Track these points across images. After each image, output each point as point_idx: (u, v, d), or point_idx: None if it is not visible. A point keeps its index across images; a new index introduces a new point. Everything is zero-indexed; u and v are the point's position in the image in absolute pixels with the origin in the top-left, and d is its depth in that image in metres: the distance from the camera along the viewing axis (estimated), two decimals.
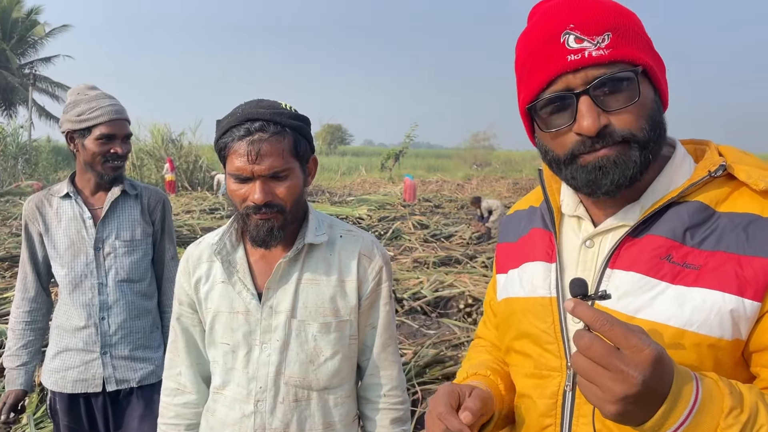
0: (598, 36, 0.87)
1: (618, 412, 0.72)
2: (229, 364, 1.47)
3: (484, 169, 39.15)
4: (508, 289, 1.11)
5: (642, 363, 0.70)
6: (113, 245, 2.16)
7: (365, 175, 31.48)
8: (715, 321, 0.84)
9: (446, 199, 19.30)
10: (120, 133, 2.11)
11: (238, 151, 1.33)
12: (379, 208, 15.40)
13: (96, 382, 2.14)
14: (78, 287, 2.13)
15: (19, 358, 2.20)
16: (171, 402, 1.57)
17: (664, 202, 0.91)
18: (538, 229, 1.08)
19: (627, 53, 0.87)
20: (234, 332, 1.45)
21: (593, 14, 0.89)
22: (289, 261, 1.45)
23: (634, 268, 0.91)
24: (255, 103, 1.39)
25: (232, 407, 1.46)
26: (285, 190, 1.37)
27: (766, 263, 0.83)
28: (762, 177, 0.88)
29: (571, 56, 0.88)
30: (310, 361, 1.44)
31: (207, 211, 14.29)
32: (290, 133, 1.37)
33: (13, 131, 23.57)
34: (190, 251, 1.56)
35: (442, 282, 6.97)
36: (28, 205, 2.20)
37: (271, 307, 1.45)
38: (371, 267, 1.50)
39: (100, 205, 2.20)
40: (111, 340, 2.15)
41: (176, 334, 1.57)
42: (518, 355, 1.07)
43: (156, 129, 24.43)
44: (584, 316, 0.73)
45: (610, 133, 0.88)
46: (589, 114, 0.87)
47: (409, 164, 39.01)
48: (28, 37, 34.13)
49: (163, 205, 2.30)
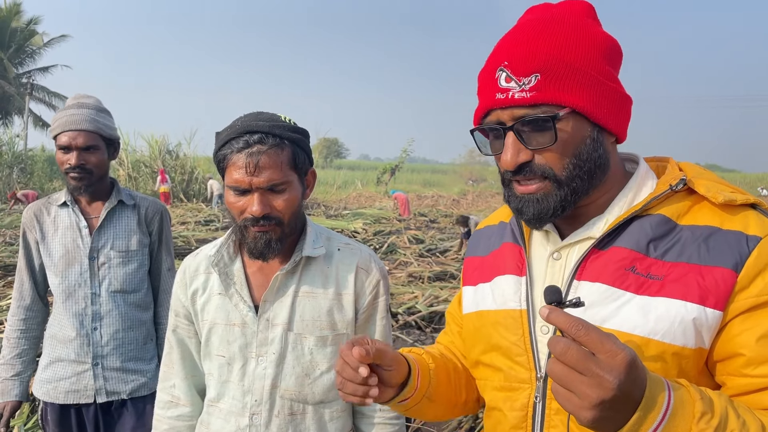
0: (525, 77, 0.91)
1: (594, 418, 0.72)
2: (224, 376, 1.46)
3: (479, 184, 39.26)
4: (478, 302, 1.13)
5: (617, 367, 0.70)
6: (108, 255, 2.15)
7: (361, 189, 31.53)
8: (679, 330, 0.87)
9: (441, 214, 19.34)
10: (74, 144, 2.05)
11: (237, 163, 1.33)
12: (374, 222, 15.41)
13: (88, 393, 2.13)
14: (71, 296, 2.12)
15: (13, 368, 2.18)
16: (165, 415, 1.56)
17: (628, 215, 0.94)
18: (509, 244, 1.11)
19: (550, 96, 0.90)
20: (230, 344, 1.44)
21: (525, 54, 0.92)
22: (286, 273, 1.44)
23: (600, 279, 0.94)
24: (254, 116, 1.40)
25: (227, 420, 1.45)
26: (283, 203, 1.37)
27: (726, 273, 0.86)
28: (720, 191, 0.92)
29: (499, 94, 0.93)
30: (306, 375, 1.43)
31: (202, 223, 14.26)
32: (289, 146, 1.37)
33: (8, 140, 23.51)
34: (187, 262, 1.55)
35: (437, 297, 6.96)
36: (26, 213, 2.19)
37: (267, 320, 1.44)
38: (368, 281, 1.49)
39: (96, 214, 2.19)
40: (103, 351, 2.13)
41: (171, 346, 1.56)
42: (487, 368, 1.09)
43: (153, 140, 24.44)
44: (559, 322, 0.74)
45: (529, 169, 0.94)
46: (510, 149, 0.93)
47: (404, 179, 39.09)
48: (26, 46, 34.21)
49: (161, 216, 2.29)
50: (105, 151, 2.13)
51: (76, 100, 2.14)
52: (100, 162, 2.11)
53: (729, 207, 0.92)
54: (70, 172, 2.08)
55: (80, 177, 2.08)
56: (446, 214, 19.68)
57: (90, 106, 2.11)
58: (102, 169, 2.13)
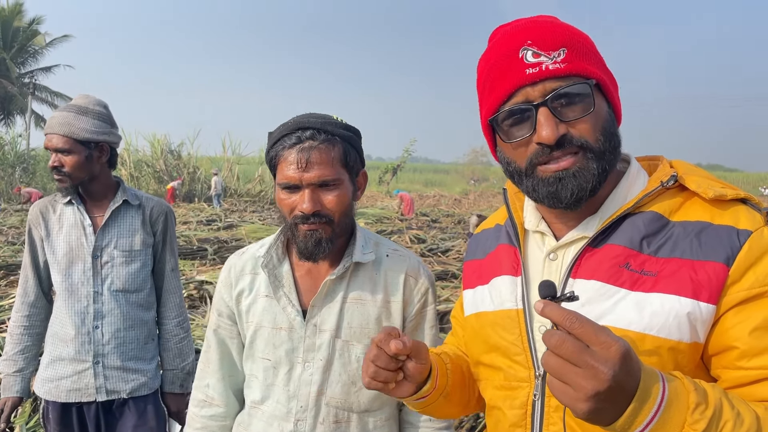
0: (554, 51, 0.93)
1: (589, 410, 0.73)
2: (269, 379, 1.44)
3: (481, 184, 39.23)
4: (477, 304, 1.14)
5: (611, 358, 0.71)
6: (111, 254, 2.16)
7: None
8: (674, 324, 0.88)
9: (443, 214, 19.33)
10: (50, 146, 2.09)
11: (288, 158, 1.32)
12: (376, 221, 15.41)
13: (89, 392, 2.13)
14: (73, 294, 2.13)
15: (15, 364, 2.19)
16: (198, 413, 1.55)
17: (621, 213, 0.96)
18: (504, 245, 1.12)
19: (581, 67, 0.93)
20: (276, 348, 1.42)
21: (549, 32, 0.95)
22: (335, 279, 1.41)
23: (595, 276, 0.95)
24: (306, 114, 1.39)
25: (270, 423, 1.43)
26: (334, 200, 1.34)
27: (718, 267, 0.87)
28: (710, 186, 0.93)
29: (530, 69, 0.93)
30: (352, 383, 1.41)
31: (204, 222, 14.26)
32: (341, 143, 1.36)
33: (11, 140, 23.56)
34: (232, 262, 1.53)
35: (439, 296, 6.96)
36: (33, 210, 2.21)
37: (315, 325, 1.41)
38: (417, 288, 1.46)
39: (101, 213, 2.20)
40: (104, 350, 2.14)
41: (210, 345, 1.54)
42: (487, 368, 1.10)
43: (155, 140, 24.47)
44: (554, 316, 0.75)
45: (568, 141, 0.93)
46: (548, 124, 0.92)
47: (406, 178, 39.08)
48: (28, 46, 34.26)
49: (166, 217, 2.29)
50: (82, 154, 2.09)
51: (71, 102, 2.17)
52: (76, 164, 2.09)
53: (720, 202, 0.93)
54: (54, 173, 2.13)
55: (59, 179, 2.12)
56: (448, 213, 19.68)
57: (73, 108, 2.11)
58: (81, 172, 2.11)
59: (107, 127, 2.17)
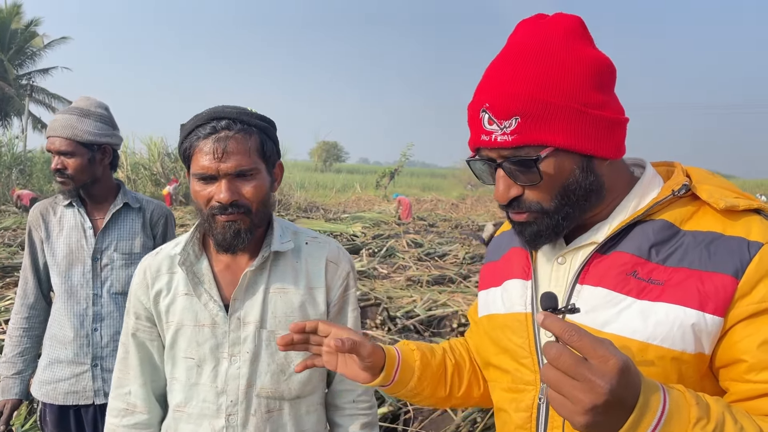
0: (506, 120, 0.93)
1: (587, 424, 0.73)
2: (192, 379, 1.42)
3: (478, 189, 39.28)
4: (489, 306, 1.16)
5: (609, 372, 0.71)
6: (111, 257, 2.16)
7: (360, 193, 31.53)
8: (678, 334, 0.87)
9: (440, 218, 19.33)
10: (53, 149, 2.10)
11: (204, 149, 1.31)
12: (373, 225, 15.40)
13: (87, 395, 2.13)
14: (73, 296, 2.13)
15: (14, 366, 2.19)
16: (119, 423, 1.49)
17: (630, 220, 0.96)
18: (517, 249, 1.14)
19: (531, 138, 0.92)
20: (200, 346, 1.41)
21: (505, 96, 0.93)
22: (255, 270, 1.42)
23: (602, 283, 0.95)
24: (221, 105, 1.39)
25: (199, 424, 1.41)
26: (252, 190, 1.34)
27: (726, 279, 0.87)
28: (723, 196, 0.92)
29: (483, 136, 0.96)
30: (281, 371, 1.42)
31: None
32: (257, 133, 1.36)
33: (8, 142, 23.50)
34: (147, 262, 1.50)
35: (436, 301, 6.95)
36: (33, 212, 2.21)
37: (239, 319, 1.41)
38: (338, 273, 1.49)
39: (101, 215, 2.21)
40: (102, 353, 2.14)
41: (128, 350, 1.49)
42: (496, 370, 1.12)
43: (152, 143, 24.43)
44: (554, 328, 0.75)
45: (520, 202, 0.97)
46: (501, 184, 0.97)
47: (404, 183, 39.11)
48: (26, 48, 34.22)
49: (166, 220, 2.31)
50: (85, 156, 2.11)
51: (72, 104, 2.17)
52: (80, 167, 2.10)
53: (732, 213, 0.92)
54: (56, 176, 2.13)
55: (62, 181, 2.12)
56: (445, 218, 19.69)
57: (75, 111, 2.12)
58: (84, 174, 2.12)
59: (109, 129, 2.18)
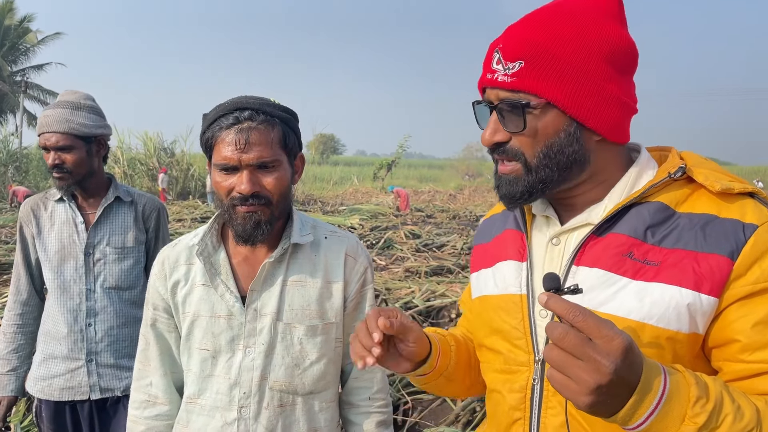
0: (512, 62, 0.94)
1: (591, 403, 0.73)
2: (206, 371, 1.41)
3: (475, 179, 39.29)
4: (481, 287, 1.16)
5: (613, 352, 0.71)
6: (104, 251, 2.14)
7: (357, 185, 31.53)
8: (673, 314, 0.88)
9: (438, 209, 19.34)
10: (48, 144, 2.06)
11: (226, 139, 1.30)
12: (371, 217, 15.40)
13: (82, 390, 2.12)
14: (66, 292, 2.12)
15: (9, 363, 2.18)
16: (141, 415, 1.49)
17: (626, 202, 0.96)
18: (511, 230, 1.13)
19: (528, 85, 0.93)
20: (216, 337, 1.40)
21: (515, 40, 0.95)
22: (274, 262, 1.41)
23: (598, 264, 0.95)
24: (243, 96, 1.37)
25: (212, 416, 1.40)
26: (273, 181, 1.34)
27: (721, 260, 0.88)
28: (718, 179, 0.93)
29: (488, 74, 0.98)
30: (295, 365, 1.41)
31: (198, 220, 14.23)
32: (279, 124, 1.35)
33: (3, 138, 23.41)
34: (165, 253, 1.49)
35: (434, 292, 6.96)
36: (24, 208, 2.19)
37: (255, 310, 1.40)
38: (356, 268, 1.48)
39: (93, 210, 2.19)
40: (97, 348, 2.13)
41: (148, 342, 1.49)
42: (489, 351, 1.12)
43: (148, 138, 24.35)
44: (558, 308, 0.75)
45: (506, 149, 0.98)
46: (489, 127, 0.99)
47: (401, 174, 39.10)
48: (19, 44, 34.04)
49: (158, 213, 2.28)
50: (83, 149, 2.09)
51: (58, 99, 2.14)
52: (78, 161, 2.08)
53: (727, 195, 0.93)
54: (53, 171, 2.10)
55: (60, 176, 2.09)
56: (443, 209, 19.69)
57: (66, 105, 2.09)
58: (83, 168, 2.10)
59: (101, 120, 2.17)
